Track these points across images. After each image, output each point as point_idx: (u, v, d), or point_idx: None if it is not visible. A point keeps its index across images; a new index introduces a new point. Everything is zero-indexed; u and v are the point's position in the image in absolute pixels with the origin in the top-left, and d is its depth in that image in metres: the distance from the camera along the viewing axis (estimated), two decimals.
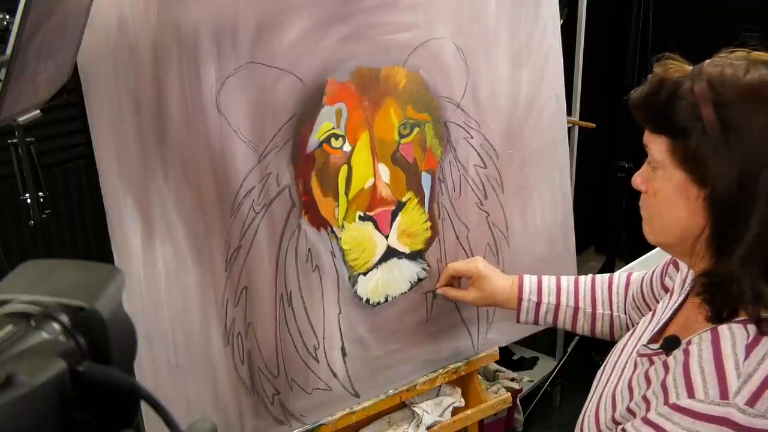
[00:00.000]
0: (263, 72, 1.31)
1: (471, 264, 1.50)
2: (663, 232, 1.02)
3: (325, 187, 1.41)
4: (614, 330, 1.39)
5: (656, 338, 1.05)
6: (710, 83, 0.92)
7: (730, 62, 0.94)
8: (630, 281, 1.39)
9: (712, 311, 0.94)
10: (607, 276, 1.43)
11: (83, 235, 1.78)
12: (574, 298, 1.41)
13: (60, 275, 0.52)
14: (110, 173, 1.22)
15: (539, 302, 1.41)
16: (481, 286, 1.46)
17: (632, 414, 0.97)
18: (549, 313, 1.42)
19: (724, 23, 2.68)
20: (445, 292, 1.53)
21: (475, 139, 1.58)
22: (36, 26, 0.91)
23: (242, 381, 1.38)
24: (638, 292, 1.34)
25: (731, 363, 0.89)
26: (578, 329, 1.42)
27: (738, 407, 0.85)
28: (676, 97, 0.94)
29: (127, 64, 1.20)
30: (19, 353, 0.44)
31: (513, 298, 1.43)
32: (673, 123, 0.94)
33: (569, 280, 1.43)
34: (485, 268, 1.47)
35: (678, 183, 0.96)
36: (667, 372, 0.94)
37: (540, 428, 2.58)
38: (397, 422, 1.60)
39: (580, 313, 1.40)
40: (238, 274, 1.34)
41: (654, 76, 0.98)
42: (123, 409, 0.48)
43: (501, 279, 1.46)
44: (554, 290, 1.42)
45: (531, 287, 1.42)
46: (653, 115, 0.97)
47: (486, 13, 1.56)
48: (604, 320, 1.39)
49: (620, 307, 1.39)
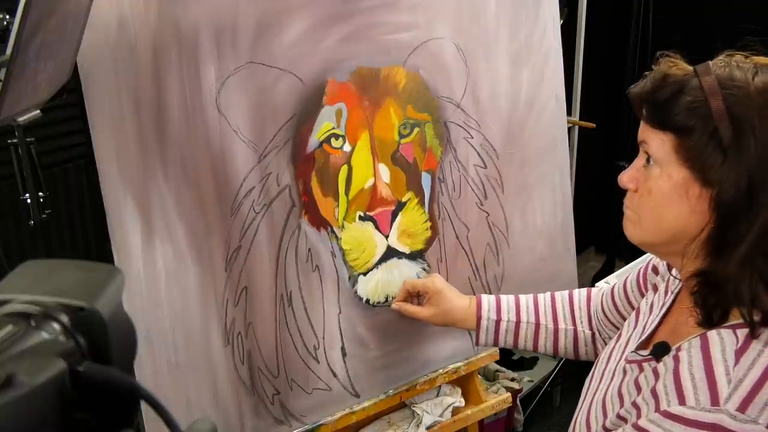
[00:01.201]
0: (263, 72, 1.31)
1: (428, 280, 1.47)
2: (654, 231, 0.99)
3: (325, 187, 1.41)
4: (578, 346, 1.36)
5: (645, 345, 1.04)
6: (719, 79, 0.91)
7: (737, 64, 0.93)
8: (591, 296, 1.37)
9: (703, 314, 0.93)
10: (566, 292, 1.40)
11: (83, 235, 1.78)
12: (535, 314, 1.37)
13: (60, 275, 0.51)
14: (110, 173, 1.22)
15: (498, 320, 1.37)
16: (437, 302, 1.42)
17: (623, 420, 0.97)
18: (509, 332, 1.37)
19: (724, 23, 2.68)
20: (400, 307, 1.47)
21: (475, 139, 1.58)
22: (36, 26, 0.91)
23: (242, 381, 1.38)
24: (610, 304, 1.30)
25: (721, 369, 0.88)
26: (540, 347, 1.38)
27: (729, 413, 0.85)
28: (682, 94, 0.92)
29: (127, 64, 1.20)
30: (19, 353, 0.44)
31: (471, 317, 1.39)
32: (678, 119, 0.92)
33: (528, 297, 1.40)
34: (442, 284, 1.44)
35: (679, 181, 0.94)
36: (657, 379, 0.94)
37: (540, 428, 2.58)
38: (397, 422, 1.60)
39: (542, 329, 1.36)
40: (238, 274, 1.34)
41: (657, 71, 0.96)
42: (123, 409, 0.48)
43: (458, 297, 1.42)
44: (513, 308, 1.38)
45: (489, 305, 1.39)
46: (656, 110, 0.95)
47: (486, 13, 1.56)
48: (567, 336, 1.36)
49: (584, 322, 1.36)
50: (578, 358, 1.37)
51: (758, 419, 0.85)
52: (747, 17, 2.63)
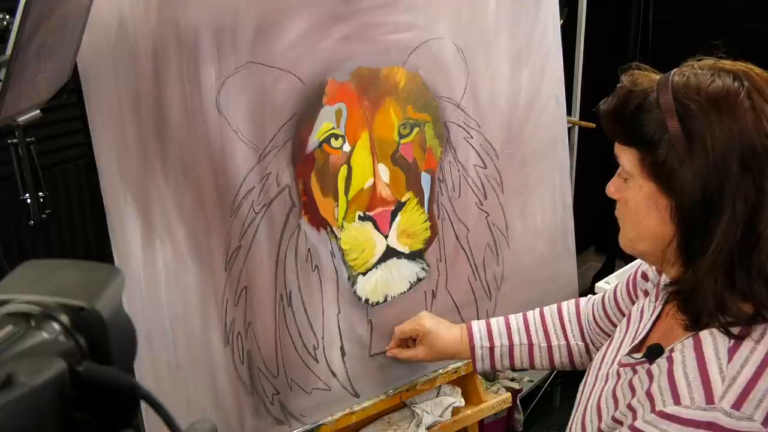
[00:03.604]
0: (263, 72, 1.31)
1: (415, 323, 1.48)
2: (635, 239, 1.02)
3: (325, 187, 1.41)
4: (574, 359, 1.37)
5: (638, 348, 1.04)
6: (675, 94, 0.92)
7: (695, 72, 0.94)
8: (579, 307, 1.39)
9: (688, 319, 0.94)
10: (555, 306, 1.42)
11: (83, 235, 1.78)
12: (526, 335, 1.38)
13: (60, 275, 0.52)
14: (110, 173, 1.22)
15: (492, 347, 1.39)
16: (428, 342, 1.44)
17: (619, 423, 0.97)
18: (504, 356, 1.39)
19: (724, 23, 2.68)
20: (395, 354, 1.50)
21: (475, 139, 1.58)
22: (36, 26, 0.91)
23: (242, 381, 1.38)
24: (601, 313, 1.32)
25: (715, 367, 0.89)
26: (536, 365, 1.39)
27: (724, 411, 0.86)
28: (643, 110, 0.94)
29: (127, 64, 1.20)
30: (19, 353, 0.44)
31: (465, 348, 1.40)
32: (641, 135, 0.94)
33: (518, 318, 1.41)
34: (430, 324, 1.45)
35: (648, 193, 0.96)
36: (651, 380, 0.94)
37: (540, 428, 2.58)
38: (397, 422, 1.60)
39: (536, 348, 1.38)
40: (238, 274, 1.34)
41: (621, 87, 0.98)
42: (123, 409, 0.48)
43: (448, 331, 1.44)
44: (504, 332, 1.39)
45: (481, 333, 1.40)
46: (621, 127, 0.98)
47: (486, 13, 1.56)
48: (561, 351, 1.37)
49: (575, 335, 1.37)
50: (575, 369, 1.39)
51: (753, 416, 0.86)
52: (747, 17, 2.63)
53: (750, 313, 0.91)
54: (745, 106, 0.90)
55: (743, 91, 0.91)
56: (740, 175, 0.89)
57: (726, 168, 0.89)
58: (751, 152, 0.89)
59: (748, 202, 0.89)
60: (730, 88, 0.91)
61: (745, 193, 0.89)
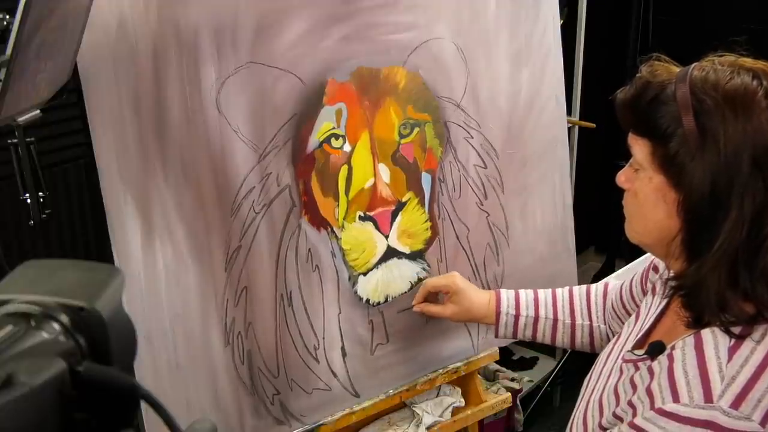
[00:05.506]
0: (263, 72, 1.31)
1: (449, 279, 1.48)
2: (642, 232, 1.03)
3: (325, 187, 1.41)
4: (594, 341, 1.38)
5: (641, 344, 1.05)
6: (692, 89, 0.92)
7: (716, 68, 0.94)
8: (607, 291, 1.39)
9: (690, 316, 0.94)
10: (584, 287, 1.42)
11: (83, 235, 1.78)
12: (553, 309, 1.40)
13: (60, 275, 0.52)
14: (110, 173, 1.22)
15: (518, 315, 1.40)
16: (458, 300, 1.44)
17: (619, 419, 0.98)
18: (528, 326, 1.40)
19: (725, 23, 2.68)
20: (422, 308, 1.50)
21: (475, 139, 1.58)
22: (36, 26, 0.91)
23: (242, 381, 1.38)
24: (618, 301, 1.33)
25: (714, 366, 0.89)
26: (558, 341, 1.41)
27: (722, 410, 0.86)
28: (660, 102, 0.94)
29: (127, 64, 1.20)
30: (19, 353, 0.44)
31: (491, 313, 1.41)
32: (655, 127, 0.95)
33: (546, 292, 1.42)
34: (462, 283, 1.46)
35: (657, 185, 0.97)
36: (652, 377, 0.95)
37: (540, 428, 2.58)
38: (397, 422, 1.60)
39: (560, 324, 1.39)
40: (238, 274, 1.34)
41: (640, 78, 0.98)
42: (123, 409, 0.48)
43: (478, 294, 1.44)
44: (532, 303, 1.41)
45: (509, 301, 1.41)
46: (636, 117, 0.98)
47: (486, 13, 1.56)
48: (584, 331, 1.38)
49: (599, 317, 1.38)
50: (594, 351, 1.38)
51: (752, 416, 0.86)
52: (747, 17, 2.64)
53: (751, 313, 0.91)
54: (762, 106, 0.90)
55: (761, 91, 0.90)
56: (750, 174, 0.89)
57: (737, 166, 0.89)
58: (764, 152, 0.89)
59: (756, 201, 0.89)
60: (749, 87, 0.91)
61: (754, 192, 0.89)
